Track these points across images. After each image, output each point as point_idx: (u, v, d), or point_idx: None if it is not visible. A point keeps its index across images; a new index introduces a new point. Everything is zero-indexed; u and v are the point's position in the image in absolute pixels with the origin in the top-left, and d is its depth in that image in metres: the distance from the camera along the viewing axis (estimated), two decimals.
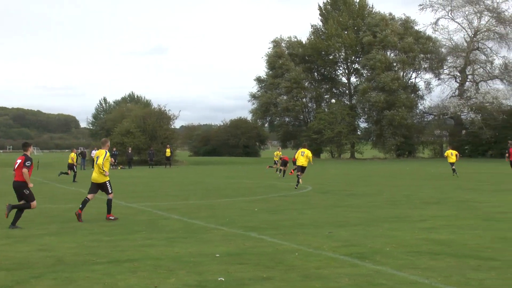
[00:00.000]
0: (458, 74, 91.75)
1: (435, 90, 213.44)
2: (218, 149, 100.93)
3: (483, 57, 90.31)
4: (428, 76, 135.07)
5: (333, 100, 48.67)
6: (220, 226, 14.69)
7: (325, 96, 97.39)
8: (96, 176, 16.68)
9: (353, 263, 9.73)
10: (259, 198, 23.19)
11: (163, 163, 67.22)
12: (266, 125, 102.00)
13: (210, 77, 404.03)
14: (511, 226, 13.99)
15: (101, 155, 16.65)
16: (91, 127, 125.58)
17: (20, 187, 15.13)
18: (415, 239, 12.16)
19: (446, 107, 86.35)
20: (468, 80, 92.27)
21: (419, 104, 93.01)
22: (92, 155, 57.16)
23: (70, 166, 39.39)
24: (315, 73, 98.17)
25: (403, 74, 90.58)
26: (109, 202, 16.74)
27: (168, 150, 65.44)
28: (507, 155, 35.58)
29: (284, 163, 40.64)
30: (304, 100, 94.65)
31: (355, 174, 43.49)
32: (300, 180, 28.97)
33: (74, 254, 11.01)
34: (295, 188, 28.36)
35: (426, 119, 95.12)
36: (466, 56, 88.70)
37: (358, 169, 53.79)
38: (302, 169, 29.16)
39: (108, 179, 16.80)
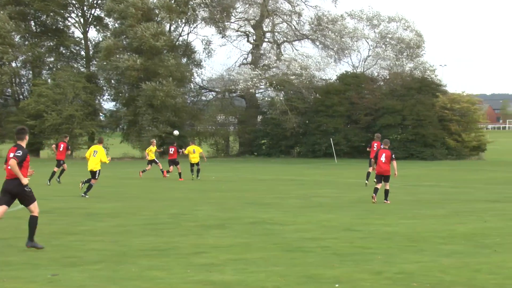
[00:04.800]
0: (252, 30, 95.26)
1: (217, 54, 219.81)
2: None
3: (287, 7, 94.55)
4: (207, 31, 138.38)
5: (176, 132, 48.64)
6: None
7: (48, 60, 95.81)
8: None
9: None
10: None
11: None
12: None
13: None
14: (322, 259, 14.94)
15: None
16: None
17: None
18: (186, 282, 12.51)
19: (234, 81, 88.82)
20: (267, 40, 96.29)
21: (194, 74, 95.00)
22: None
23: None
24: (32, 22, 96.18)
25: (170, 27, 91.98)
26: None
27: None
28: (368, 149, 39.71)
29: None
30: (14, 64, 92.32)
31: (98, 182, 43.50)
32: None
33: None
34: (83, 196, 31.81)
35: (204, 99, 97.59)
36: (263, 4, 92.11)
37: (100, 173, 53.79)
38: (93, 174, 34.32)
39: None
